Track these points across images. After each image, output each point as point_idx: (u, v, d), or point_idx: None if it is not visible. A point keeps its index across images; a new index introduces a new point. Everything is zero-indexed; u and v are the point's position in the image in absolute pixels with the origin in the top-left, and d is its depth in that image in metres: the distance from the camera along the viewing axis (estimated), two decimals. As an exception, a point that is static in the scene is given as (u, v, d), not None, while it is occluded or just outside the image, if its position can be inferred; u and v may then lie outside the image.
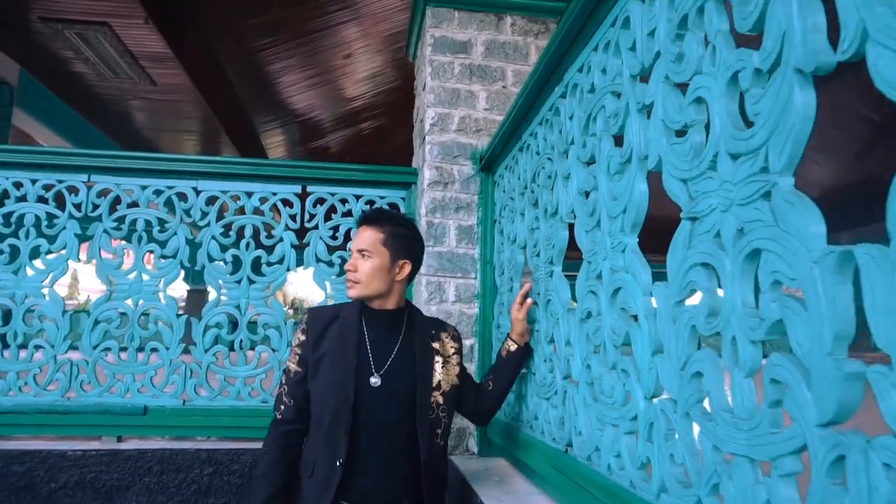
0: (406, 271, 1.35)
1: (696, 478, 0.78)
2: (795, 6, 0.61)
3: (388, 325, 1.36)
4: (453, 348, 1.41)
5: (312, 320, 1.36)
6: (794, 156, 0.63)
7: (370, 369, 1.29)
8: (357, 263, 1.32)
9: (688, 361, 0.80)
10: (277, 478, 1.27)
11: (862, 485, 0.52)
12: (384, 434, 1.26)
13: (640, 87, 0.96)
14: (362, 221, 1.37)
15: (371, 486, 1.23)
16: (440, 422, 1.33)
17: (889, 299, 0.49)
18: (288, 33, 6.31)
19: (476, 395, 1.46)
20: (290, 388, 1.33)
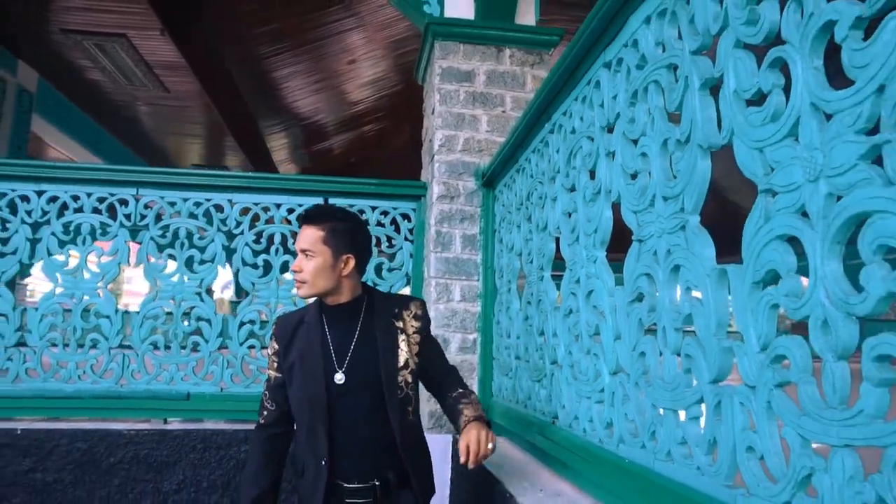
0: (351, 265, 1.35)
1: (641, 429, 1.09)
2: (699, 108, 0.92)
3: (347, 319, 1.38)
4: (413, 326, 1.40)
5: (280, 328, 1.42)
6: (699, 202, 0.94)
7: (333, 367, 1.33)
8: (301, 263, 1.33)
9: (636, 345, 1.11)
10: (264, 480, 1.35)
11: (729, 417, 0.83)
12: (360, 426, 1.31)
13: (607, 136, 1.27)
14: (302, 220, 1.38)
15: (356, 473, 1.30)
16: (410, 399, 1.36)
17: (743, 298, 0.80)
18: (294, 41, 6.61)
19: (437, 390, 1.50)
20: (271, 394, 1.40)
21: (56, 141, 6.89)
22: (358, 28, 6.77)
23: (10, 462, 2.14)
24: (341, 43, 6.97)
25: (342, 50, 7.12)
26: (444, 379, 1.49)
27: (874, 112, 0.61)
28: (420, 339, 1.41)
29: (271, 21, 6.20)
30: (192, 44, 6.00)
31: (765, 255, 0.76)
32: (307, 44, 6.84)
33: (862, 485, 0.61)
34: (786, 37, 0.74)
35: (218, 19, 5.96)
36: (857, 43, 0.63)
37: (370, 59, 7.60)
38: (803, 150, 0.70)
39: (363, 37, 6.95)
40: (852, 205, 0.63)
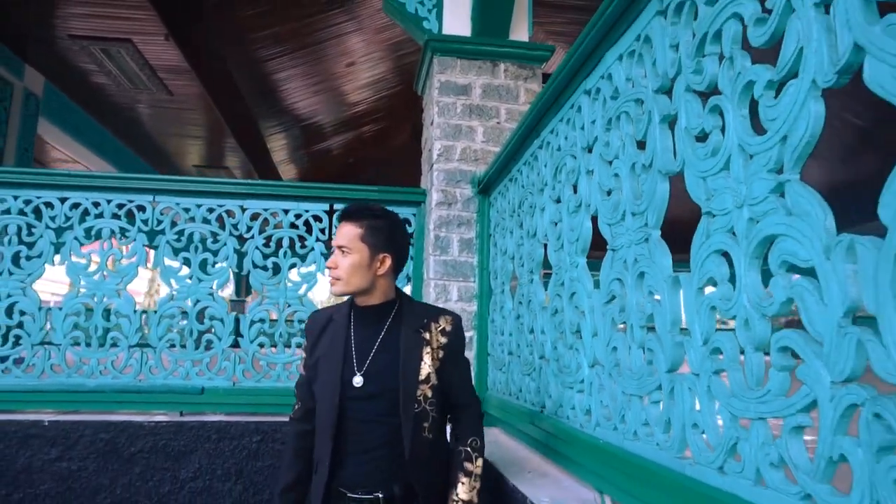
0: (387, 265, 1.34)
1: (614, 414, 1.26)
2: (659, 139, 1.09)
3: (374, 322, 1.36)
4: (439, 341, 1.36)
5: (310, 324, 1.43)
6: (660, 218, 1.11)
7: (353, 369, 1.31)
8: (337, 260, 1.32)
9: (610, 340, 1.29)
10: (290, 474, 1.37)
11: (680, 400, 1.00)
12: (370, 432, 1.29)
13: (587, 156, 1.45)
14: (341, 217, 1.37)
15: (361, 477, 1.28)
16: (427, 415, 1.31)
17: (690, 300, 0.97)
18: (294, 44, 6.76)
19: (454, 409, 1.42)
20: (299, 390, 1.43)
21: (60, 143, 7.04)
22: (357, 31, 6.93)
23: (38, 451, 2.31)
24: (340, 46, 7.12)
25: (341, 53, 7.27)
26: (459, 415, 1.41)
27: (780, 156, 0.78)
28: (444, 355, 1.35)
29: (271, 25, 6.36)
30: (195, 48, 6.16)
31: (706, 266, 0.93)
32: (307, 47, 6.99)
33: (770, 447, 0.79)
34: (721, 88, 0.91)
35: (220, 24, 6.11)
36: (769, 101, 0.80)
37: (369, 62, 7.75)
38: (733, 181, 0.87)
39: (362, 39, 7.10)
40: (765, 228, 0.80)
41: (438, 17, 2.71)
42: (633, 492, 1.13)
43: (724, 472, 0.88)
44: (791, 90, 0.76)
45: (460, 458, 1.35)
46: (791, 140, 0.76)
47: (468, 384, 1.46)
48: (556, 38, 6.79)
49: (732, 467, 0.86)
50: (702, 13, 0.97)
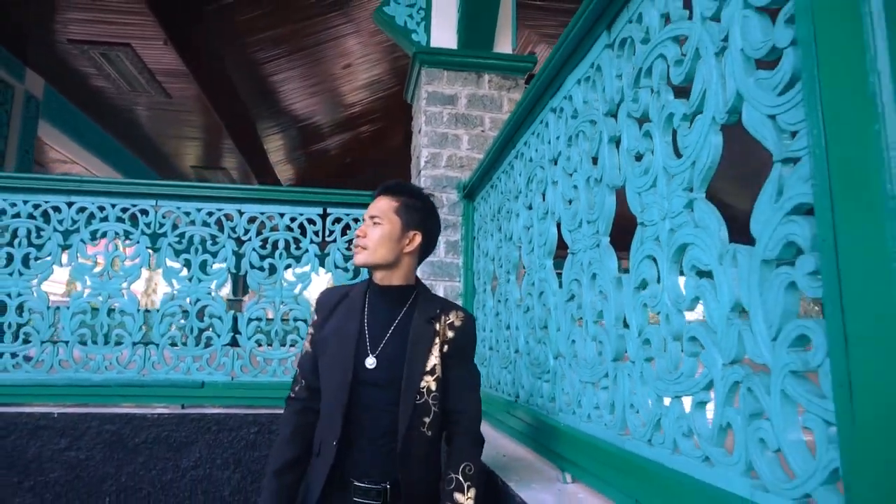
0: (416, 242, 1.33)
1: (573, 400, 1.42)
2: (607, 157, 1.25)
3: (391, 303, 1.33)
4: (446, 335, 1.31)
5: (322, 299, 1.39)
6: (608, 226, 1.27)
7: (366, 350, 1.28)
8: (367, 230, 1.32)
9: (570, 334, 1.45)
10: (289, 452, 1.30)
11: (622, 385, 1.16)
12: (380, 418, 1.24)
13: (553, 168, 1.61)
14: (380, 191, 1.36)
15: (367, 465, 1.24)
16: (429, 409, 1.26)
17: (629, 298, 1.13)
18: (292, 46, 6.91)
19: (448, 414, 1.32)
20: (304, 368, 1.37)
21: (60, 144, 7.18)
22: (354, 33, 7.07)
23: (48, 442, 2.47)
24: (338, 48, 7.27)
25: (339, 55, 7.41)
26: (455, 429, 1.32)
27: (691, 178, 0.94)
28: (448, 350, 1.30)
29: (269, 28, 6.51)
30: (194, 51, 6.30)
31: (640, 269, 1.10)
32: (304, 49, 7.14)
33: (683, 421, 0.95)
34: (651, 117, 1.07)
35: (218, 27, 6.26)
36: (684, 131, 0.97)
37: (366, 63, 7.89)
38: (659, 197, 1.03)
39: (359, 41, 7.25)
40: (680, 238, 0.96)
41: (426, 29, 2.87)
42: (588, 468, 1.29)
43: (651, 444, 1.04)
44: (698, 124, 0.92)
45: (450, 486, 1.24)
46: (698, 165, 0.92)
47: (472, 393, 1.35)
48: (549, 41, 6.95)
49: (657, 439, 1.02)
50: (638, 50, 1.13)
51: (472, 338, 1.38)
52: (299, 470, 1.32)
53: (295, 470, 1.31)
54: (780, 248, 0.73)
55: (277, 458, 1.31)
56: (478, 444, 1.33)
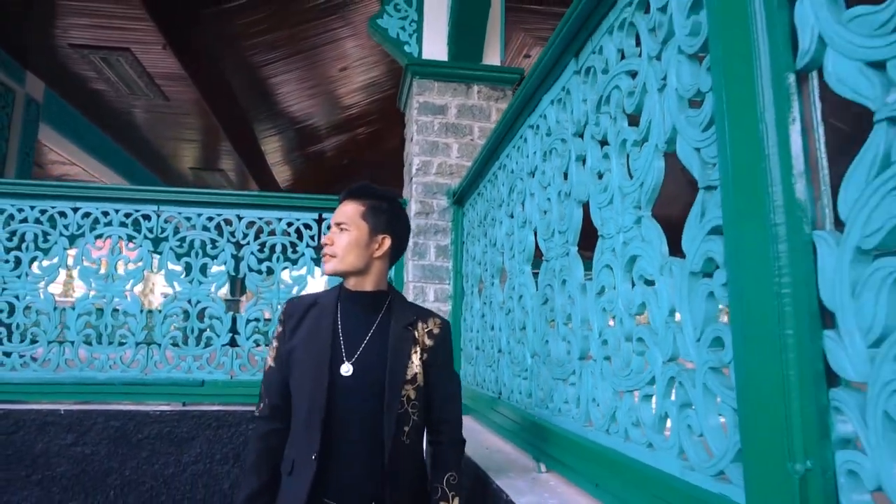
0: (386, 246, 1.31)
1: (546, 395, 1.55)
2: (575, 174, 1.38)
3: (365, 309, 1.30)
4: (425, 343, 1.31)
5: (289, 308, 1.34)
6: (576, 237, 1.40)
7: (341, 357, 1.24)
8: (334, 237, 1.29)
9: (544, 335, 1.58)
10: (255, 480, 1.24)
11: (586, 381, 1.29)
12: (357, 426, 1.21)
13: (531, 181, 1.74)
14: (345, 196, 1.33)
15: (348, 479, 1.19)
16: (408, 419, 1.24)
17: (592, 303, 1.26)
18: (290, 49, 7.03)
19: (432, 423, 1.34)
20: (266, 385, 1.30)
21: (59, 146, 7.28)
22: (351, 37, 7.19)
23: (55, 437, 2.59)
24: (335, 51, 7.38)
25: (335, 57, 7.53)
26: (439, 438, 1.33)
27: (640, 197, 1.07)
28: (428, 359, 1.29)
29: (267, 31, 6.62)
30: (192, 55, 6.41)
31: (600, 277, 1.22)
32: (302, 52, 7.25)
33: (632, 412, 1.08)
34: (609, 140, 1.20)
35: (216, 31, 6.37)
36: (635, 155, 1.09)
37: (363, 66, 8.01)
38: (615, 213, 1.16)
39: (356, 44, 7.36)
40: (630, 250, 1.09)
41: (418, 41, 3.00)
42: (558, 458, 1.42)
43: (608, 434, 1.17)
44: (645, 150, 1.05)
45: (435, 496, 1.26)
46: (645, 186, 1.05)
47: (453, 400, 1.37)
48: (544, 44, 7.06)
49: (613, 429, 1.15)
50: (599, 79, 1.26)
51: (451, 344, 1.40)
52: (269, 495, 1.25)
53: (264, 497, 1.24)
54: (703, 262, 0.85)
55: (245, 486, 1.25)
56: (460, 450, 1.35)
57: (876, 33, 0.58)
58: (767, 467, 0.68)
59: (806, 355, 0.64)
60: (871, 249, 0.59)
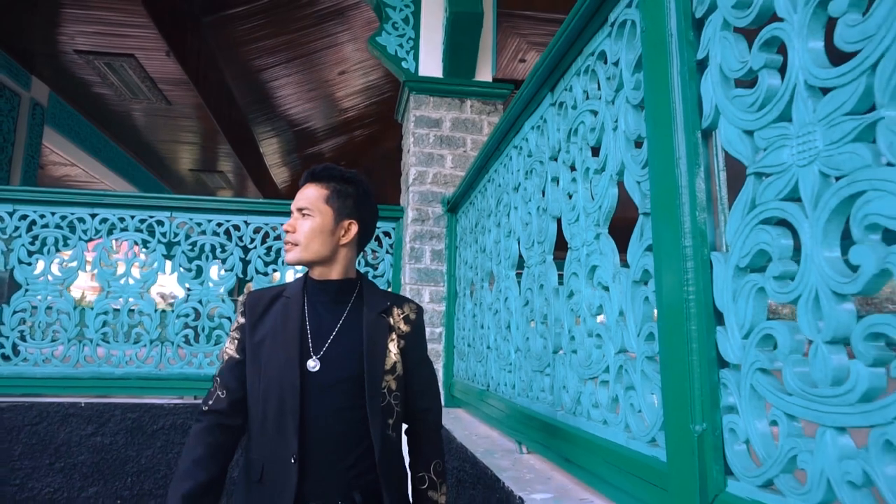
0: (353, 233, 1.23)
1: (527, 385, 1.78)
2: (549, 192, 1.61)
3: (332, 299, 1.23)
4: (401, 329, 1.25)
5: (250, 301, 1.24)
6: (551, 247, 1.63)
7: (308, 352, 1.16)
8: (296, 223, 1.20)
9: (525, 332, 1.80)
10: (201, 475, 1.10)
11: (559, 372, 1.52)
12: (334, 424, 1.13)
13: (514, 195, 1.96)
14: (307, 178, 1.24)
15: (327, 483, 1.11)
16: (392, 411, 1.19)
17: (563, 304, 1.49)
18: (288, 54, 7.24)
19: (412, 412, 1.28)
20: (226, 377, 1.19)
21: (62, 149, 7.47)
22: (350, 41, 7.40)
23: (76, 428, 2.81)
24: (334, 55, 7.59)
25: (334, 62, 7.74)
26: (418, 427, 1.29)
27: (599, 217, 1.29)
28: (405, 345, 1.24)
29: (267, 37, 6.84)
30: (194, 60, 6.62)
31: (569, 282, 1.45)
32: (301, 56, 7.46)
33: (592, 395, 1.30)
34: (576, 167, 1.43)
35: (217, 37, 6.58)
36: (596, 181, 1.32)
37: (360, 70, 8.22)
38: (580, 229, 1.39)
39: (354, 49, 7.57)
40: (591, 261, 1.32)
41: (415, 57, 3.22)
42: (536, 439, 1.64)
43: (575, 415, 1.40)
44: (603, 178, 1.28)
45: (422, 486, 1.23)
46: (603, 208, 1.28)
47: (432, 385, 1.33)
48: (539, 48, 7.29)
49: (578, 411, 1.38)
50: (570, 113, 1.49)
51: (424, 330, 1.35)
52: (214, 496, 1.13)
53: (209, 496, 1.11)
54: (641, 273, 1.08)
55: (186, 481, 1.08)
56: (441, 437, 1.33)
57: (748, 109, 0.81)
58: (679, 430, 0.91)
59: (704, 345, 0.87)
60: (745, 267, 0.82)
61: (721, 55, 0.87)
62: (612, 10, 1.23)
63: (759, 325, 0.78)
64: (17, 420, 2.77)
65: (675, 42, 0.97)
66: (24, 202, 2.97)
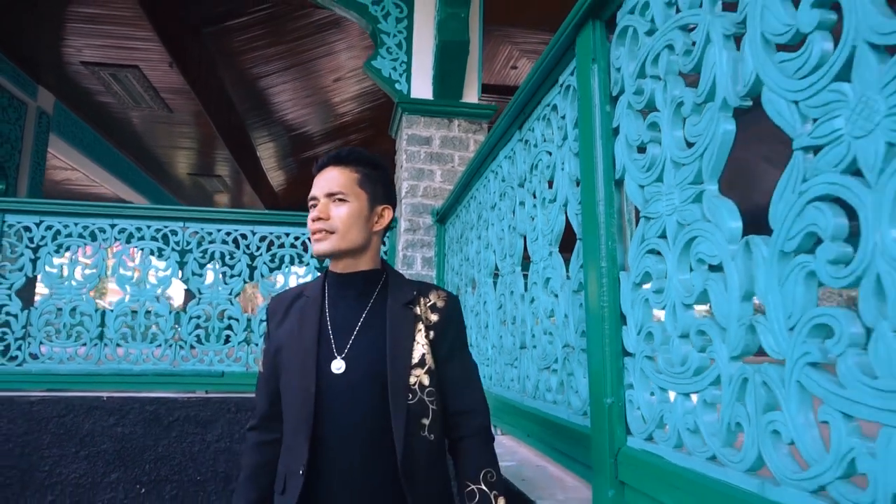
0: (386, 219, 1.18)
1: (501, 376, 2.11)
2: (518, 215, 1.95)
3: (358, 293, 1.16)
4: (429, 320, 1.15)
5: (273, 306, 1.21)
6: (519, 259, 1.96)
7: (332, 352, 1.09)
8: (329, 210, 1.11)
9: (499, 332, 2.14)
10: (252, 492, 1.13)
11: (524, 364, 1.86)
12: (358, 432, 1.05)
13: (492, 212, 2.29)
14: (330, 162, 1.16)
15: (347, 498, 1.04)
16: (426, 409, 1.09)
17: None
18: (286, 62, 7.55)
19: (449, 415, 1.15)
20: (258, 393, 1.19)
21: (65, 154, 7.75)
22: (346, 49, 7.72)
23: (99, 419, 3.12)
24: (329, 63, 7.91)
25: (330, 70, 8.05)
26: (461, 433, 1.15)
27: (552, 239, 1.62)
28: (435, 337, 1.14)
29: (265, 47, 7.14)
30: (194, 69, 6.92)
31: (531, 290, 1.78)
32: (298, 64, 7.77)
33: (546, 382, 1.63)
34: (536, 195, 1.76)
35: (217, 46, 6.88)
36: (550, 209, 1.65)
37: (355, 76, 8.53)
38: (539, 247, 1.72)
39: (350, 56, 7.89)
40: (546, 274, 1.65)
41: (408, 80, 3.55)
42: (508, 421, 1.98)
43: (535, 399, 1.73)
44: (554, 207, 1.61)
45: (473, 501, 1.08)
46: (554, 231, 1.61)
47: (473, 383, 1.21)
48: (530, 56, 7.63)
49: (538, 395, 1.71)
50: (532, 150, 1.82)
51: (460, 319, 1.23)
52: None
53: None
54: (578, 284, 1.41)
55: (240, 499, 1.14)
56: (491, 443, 1.17)
57: (641, 170, 1.14)
58: (598, 403, 1.24)
59: (614, 340, 1.20)
60: (639, 283, 1.15)
61: (626, 127, 1.20)
62: (560, 73, 1.56)
63: (646, 325, 1.12)
64: (45, 412, 3.09)
65: (598, 111, 1.30)
66: (50, 213, 3.28)
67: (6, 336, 3.20)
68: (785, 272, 0.74)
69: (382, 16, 3.53)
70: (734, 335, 0.84)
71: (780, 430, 0.74)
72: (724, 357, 0.87)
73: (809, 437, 0.70)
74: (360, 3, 3.50)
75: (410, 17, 3.56)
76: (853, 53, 0.64)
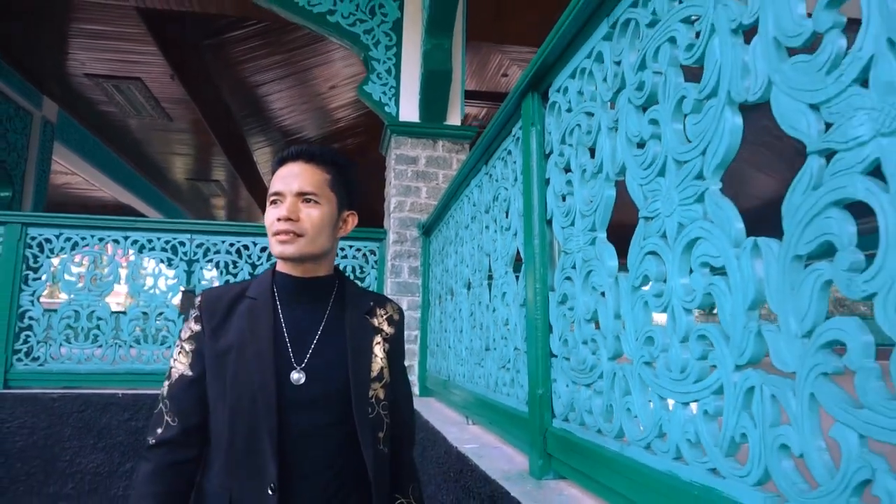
0: (350, 226, 1.15)
1: (472, 374, 2.48)
2: (502, 232, 2.33)
3: (314, 300, 1.11)
4: (386, 332, 1.15)
5: (207, 303, 1.08)
6: (510, 264, 2.34)
7: (290, 362, 1.04)
8: (299, 210, 1.04)
9: (471, 336, 2.51)
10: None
11: (494, 365, 2.24)
12: (320, 444, 1.02)
13: (465, 231, 2.67)
14: (301, 156, 1.09)
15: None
16: (382, 423, 1.10)
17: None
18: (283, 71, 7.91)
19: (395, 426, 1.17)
20: (178, 399, 1.04)
21: (67, 160, 8.11)
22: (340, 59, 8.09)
23: (115, 414, 3.49)
24: (325, 71, 8.27)
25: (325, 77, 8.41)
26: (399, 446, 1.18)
27: (507, 260, 2.00)
28: (390, 349, 1.15)
29: (263, 56, 7.50)
30: (194, 79, 7.27)
31: (493, 301, 2.15)
32: (295, 73, 8.13)
33: (501, 378, 2.01)
34: (497, 223, 2.13)
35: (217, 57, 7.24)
36: (505, 236, 2.03)
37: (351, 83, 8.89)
38: (499, 266, 2.09)
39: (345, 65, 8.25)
40: (503, 289, 2.02)
41: (396, 103, 3.92)
42: (475, 412, 2.35)
43: (495, 392, 2.10)
44: (508, 235, 1.98)
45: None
46: (509, 254, 1.98)
47: (411, 396, 1.26)
48: (520, 64, 8.01)
49: (497, 390, 2.09)
50: (494, 184, 2.19)
51: (404, 332, 1.28)
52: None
53: None
54: (523, 299, 1.79)
55: None
56: (414, 458, 1.23)
57: (563, 216, 1.52)
58: (533, 394, 1.62)
59: (544, 345, 1.58)
60: (560, 302, 1.52)
61: (554, 180, 1.58)
62: (513, 125, 1.93)
63: (564, 334, 1.49)
64: (66, 408, 3.45)
65: (536, 164, 1.67)
66: (69, 227, 3.65)
67: (29, 339, 3.56)
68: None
69: (373, 44, 3.90)
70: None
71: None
72: (612, 355, 1.25)
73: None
74: (353, 32, 3.87)
75: (399, 45, 3.93)
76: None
